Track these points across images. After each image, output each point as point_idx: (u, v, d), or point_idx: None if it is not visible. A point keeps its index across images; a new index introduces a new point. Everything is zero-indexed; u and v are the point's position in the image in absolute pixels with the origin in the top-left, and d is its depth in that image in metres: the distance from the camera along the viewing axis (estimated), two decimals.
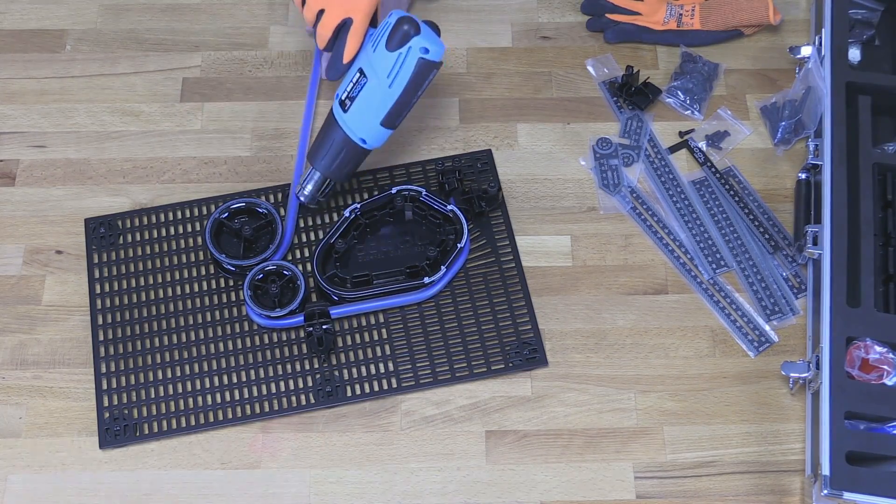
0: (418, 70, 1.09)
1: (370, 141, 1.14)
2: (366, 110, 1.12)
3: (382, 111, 1.12)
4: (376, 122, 1.12)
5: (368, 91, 1.11)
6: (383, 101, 1.11)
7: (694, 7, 1.36)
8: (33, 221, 1.24)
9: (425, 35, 1.09)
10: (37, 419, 1.13)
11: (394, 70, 1.09)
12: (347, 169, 1.16)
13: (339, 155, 1.15)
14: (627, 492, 1.09)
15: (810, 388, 1.11)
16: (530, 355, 1.15)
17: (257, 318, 1.16)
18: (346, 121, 1.13)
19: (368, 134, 1.13)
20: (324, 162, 1.15)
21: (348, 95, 1.12)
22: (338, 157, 1.15)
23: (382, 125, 1.13)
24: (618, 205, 1.25)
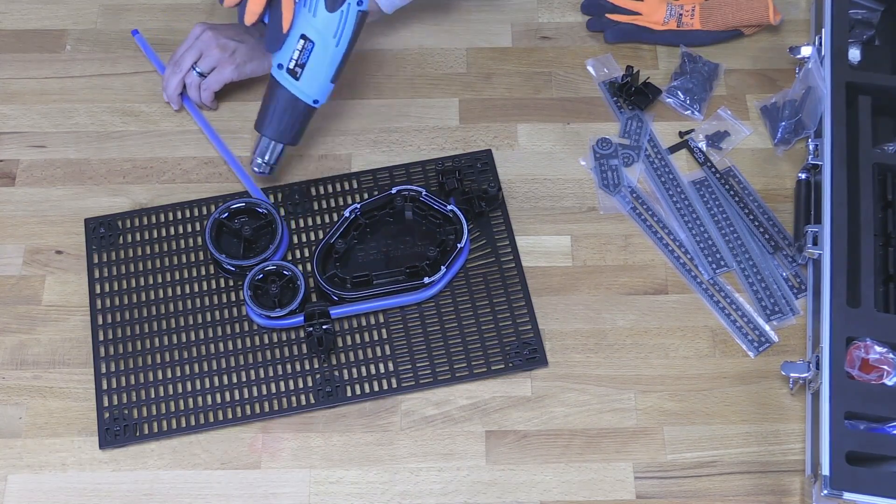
0: (358, 23, 1.14)
1: (322, 99, 1.17)
2: (317, 73, 1.15)
3: (332, 69, 1.15)
4: (327, 81, 1.16)
5: (318, 54, 1.13)
6: (333, 60, 1.15)
7: (694, 7, 1.36)
8: (33, 221, 1.24)
9: None
10: (37, 419, 1.13)
11: (339, 29, 1.13)
12: (300, 131, 1.20)
13: (295, 120, 1.18)
14: (627, 492, 1.09)
15: (810, 388, 1.11)
16: (530, 355, 1.15)
17: (257, 318, 1.16)
18: (299, 87, 1.15)
19: (320, 93, 1.17)
20: (279, 129, 1.18)
21: (297, 63, 1.14)
22: (294, 122, 1.18)
23: (332, 82, 1.17)
24: (618, 205, 1.25)
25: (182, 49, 1.27)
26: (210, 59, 1.26)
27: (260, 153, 1.20)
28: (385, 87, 1.34)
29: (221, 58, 1.26)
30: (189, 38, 1.27)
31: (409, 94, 1.33)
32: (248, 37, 1.27)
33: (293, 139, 1.20)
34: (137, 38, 1.35)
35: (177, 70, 1.27)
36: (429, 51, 1.37)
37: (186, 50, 1.26)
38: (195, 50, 1.26)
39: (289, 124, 1.18)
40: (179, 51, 1.27)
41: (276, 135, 1.19)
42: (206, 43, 1.26)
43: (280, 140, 1.19)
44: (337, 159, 1.28)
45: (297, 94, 1.16)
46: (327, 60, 1.14)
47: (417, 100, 1.33)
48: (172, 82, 1.27)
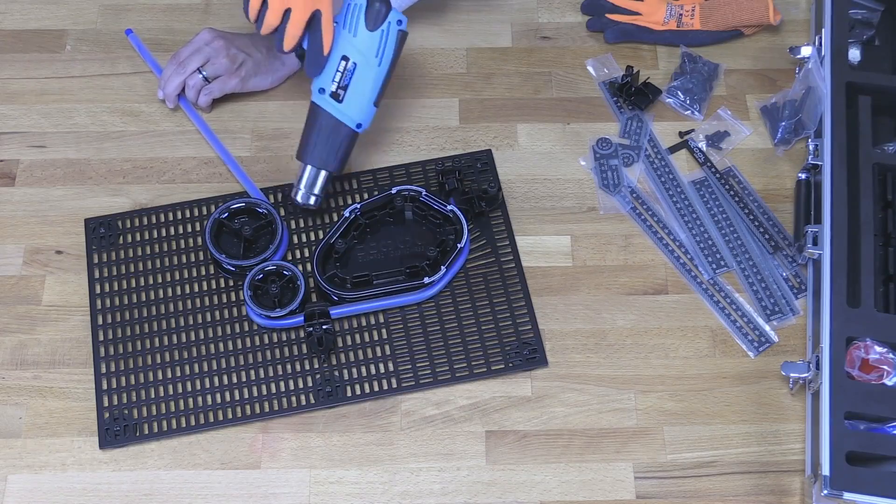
0: (399, 43, 1.13)
1: (365, 123, 1.16)
2: (361, 94, 1.14)
3: (375, 91, 1.14)
4: (370, 104, 1.15)
5: (360, 75, 1.12)
6: (375, 80, 1.13)
7: (694, 7, 1.36)
8: (33, 221, 1.24)
9: (395, 9, 1.12)
10: (37, 419, 1.13)
11: (380, 48, 1.12)
12: (344, 157, 1.17)
13: (339, 147, 1.16)
14: (627, 492, 1.09)
15: (810, 388, 1.11)
16: (530, 355, 1.15)
17: (257, 319, 1.16)
18: (342, 110, 1.14)
19: (364, 117, 1.15)
20: (323, 157, 1.16)
21: (339, 86, 1.13)
22: (338, 149, 1.16)
23: (375, 104, 1.15)
24: (618, 205, 1.25)
25: (188, 51, 1.27)
26: (217, 66, 1.26)
27: (304, 183, 1.17)
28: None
29: (229, 68, 1.26)
30: (196, 42, 1.26)
31: (409, 94, 1.33)
32: (256, 51, 1.27)
33: (338, 166, 1.17)
34: (131, 37, 1.35)
35: (181, 70, 1.26)
36: (429, 51, 1.37)
37: (193, 52, 1.26)
38: (203, 55, 1.26)
39: (333, 151, 1.16)
40: (185, 52, 1.27)
41: (320, 162, 1.16)
42: (217, 51, 1.25)
43: (324, 167, 1.16)
44: None
45: (341, 117, 1.14)
46: (370, 81, 1.13)
47: (417, 100, 1.33)
48: (174, 81, 1.27)
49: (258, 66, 1.28)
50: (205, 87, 1.27)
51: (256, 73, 1.28)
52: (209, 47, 1.26)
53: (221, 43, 1.26)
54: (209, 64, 1.26)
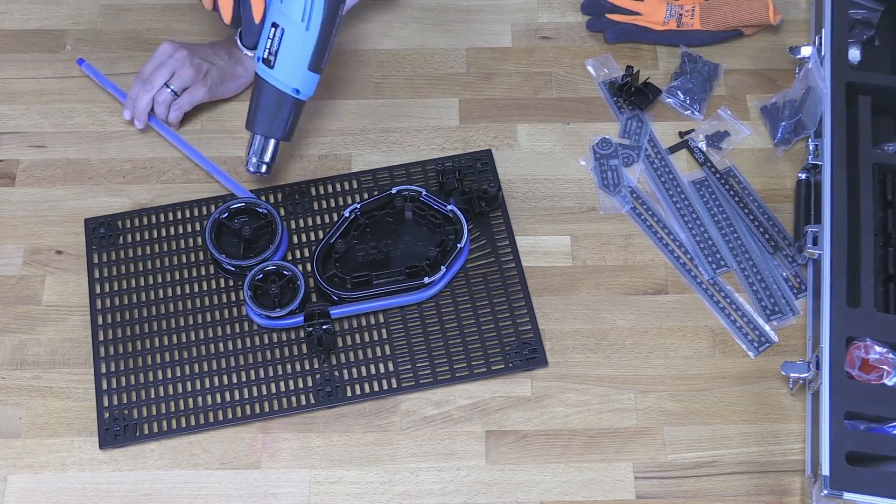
0: (328, 5, 1.11)
1: (303, 89, 1.16)
2: (291, 59, 1.13)
3: (307, 55, 1.13)
4: (304, 69, 1.14)
5: (288, 40, 1.12)
6: (305, 45, 1.13)
7: (694, 7, 1.36)
8: (33, 221, 1.24)
9: None
10: (37, 419, 1.13)
11: (305, 11, 1.11)
12: (290, 125, 1.18)
13: (279, 113, 1.16)
14: (627, 492, 1.09)
15: (810, 388, 1.11)
16: (530, 355, 1.15)
17: (257, 319, 1.16)
18: (274, 76, 1.14)
19: (300, 83, 1.15)
20: (267, 124, 1.17)
21: (269, 52, 1.13)
22: (280, 115, 1.16)
23: (310, 70, 1.14)
24: (618, 205, 1.25)
25: (151, 66, 1.25)
26: (184, 78, 1.25)
27: (253, 152, 1.19)
28: (385, 87, 1.34)
29: (195, 78, 1.25)
30: (158, 56, 1.25)
31: (409, 94, 1.33)
32: (219, 59, 1.27)
33: (284, 133, 1.18)
34: (85, 66, 1.32)
35: (148, 87, 1.24)
36: (429, 51, 1.37)
37: (158, 67, 1.25)
38: (167, 68, 1.24)
39: (275, 117, 1.17)
40: (148, 68, 1.25)
41: (264, 129, 1.18)
42: (180, 62, 1.24)
43: (270, 135, 1.18)
44: (337, 159, 1.28)
45: (275, 83, 1.14)
46: (299, 46, 1.13)
47: (417, 100, 1.33)
48: (143, 100, 1.25)
49: (223, 74, 1.27)
50: (174, 101, 1.25)
51: (222, 81, 1.27)
52: (173, 59, 1.24)
53: (184, 53, 1.24)
54: (175, 77, 1.24)
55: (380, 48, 1.37)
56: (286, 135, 1.19)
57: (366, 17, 1.39)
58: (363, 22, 1.38)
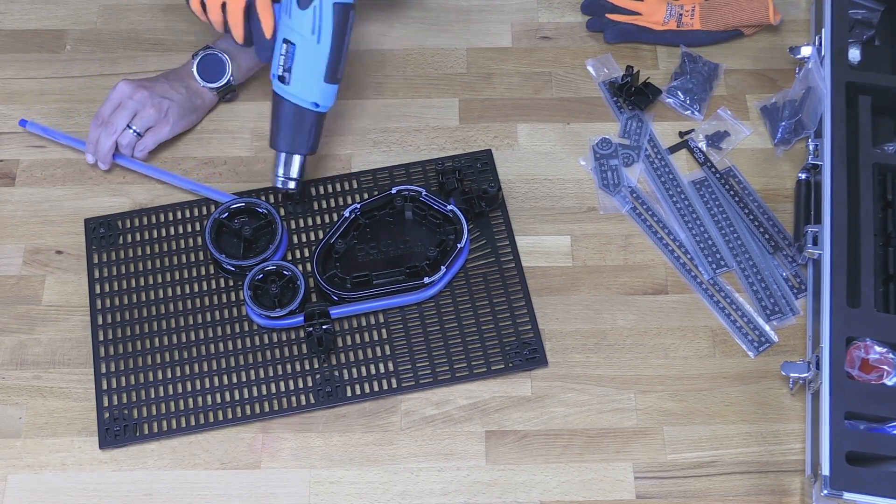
0: (337, 16, 1.10)
1: (322, 102, 1.15)
2: (306, 74, 1.12)
3: (321, 68, 1.12)
4: (320, 82, 1.13)
5: (301, 55, 1.12)
6: (318, 58, 1.12)
7: (694, 7, 1.36)
8: (33, 221, 1.24)
9: None
10: (37, 419, 1.13)
11: (315, 25, 1.10)
12: (313, 139, 1.17)
13: (301, 128, 1.15)
14: (627, 492, 1.09)
15: (810, 388, 1.11)
16: (530, 355, 1.15)
17: (257, 319, 1.16)
18: (291, 92, 1.13)
19: (318, 96, 1.14)
20: (289, 141, 1.16)
21: (284, 68, 1.12)
22: (302, 130, 1.15)
23: (327, 82, 1.13)
24: (618, 205, 1.25)
25: (109, 108, 1.23)
26: (146, 119, 1.23)
27: (280, 170, 1.18)
28: (385, 87, 1.34)
29: (158, 117, 1.23)
30: (117, 97, 1.23)
31: (409, 94, 1.33)
32: (176, 93, 1.24)
33: (309, 148, 1.17)
34: (30, 125, 1.28)
35: (110, 130, 1.22)
36: (429, 51, 1.37)
37: (118, 109, 1.22)
38: (129, 109, 1.22)
39: (297, 133, 1.16)
40: (106, 110, 1.23)
41: (289, 147, 1.16)
42: (141, 102, 1.22)
43: (294, 151, 1.17)
44: (337, 159, 1.28)
45: (293, 99, 1.14)
46: (312, 60, 1.12)
47: (417, 100, 1.33)
48: (107, 143, 1.22)
49: (182, 108, 1.25)
50: (138, 142, 1.24)
51: (182, 116, 1.25)
52: (133, 101, 1.22)
53: (145, 93, 1.22)
54: (137, 118, 1.22)
55: (380, 48, 1.37)
56: (311, 149, 1.17)
57: (366, 17, 1.39)
58: (363, 22, 1.38)
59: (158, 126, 1.24)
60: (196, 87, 1.27)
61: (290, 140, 1.16)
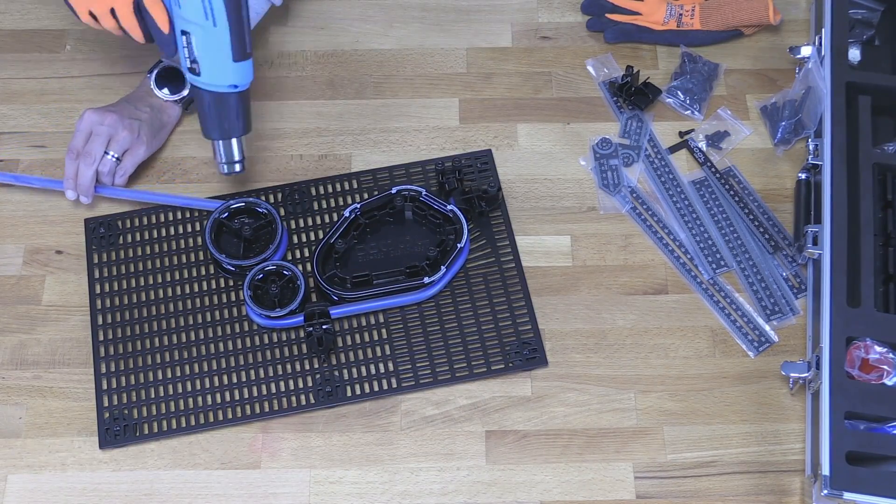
0: None
1: (240, 82, 1.11)
2: (213, 60, 1.09)
3: (227, 50, 1.08)
4: (230, 63, 1.09)
5: (201, 43, 1.08)
6: (220, 42, 1.07)
7: (694, 7, 1.36)
8: (33, 221, 1.24)
9: None
10: (37, 419, 1.13)
11: (206, 10, 1.05)
12: (243, 118, 1.14)
13: (227, 113, 1.12)
14: (627, 492, 1.09)
15: (810, 388, 1.11)
16: (530, 355, 1.15)
17: (257, 318, 1.16)
18: (205, 81, 1.10)
19: (233, 77, 1.10)
20: (220, 129, 1.14)
21: (191, 60, 1.09)
22: (227, 115, 1.13)
23: (237, 61, 1.09)
24: (618, 205, 1.25)
25: (81, 139, 1.20)
26: (122, 141, 1.21)
27: (220, 157, 1.16)
28: (385, 87, 1.34)
29: (132, 139, 1.21)
30: (86, 127, 1.20)
31: (409, 94, 1.33)
32: (142, 112, 1.23)
33: (242, 130, 1.14)
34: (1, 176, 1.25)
35: (89, 161, 1.19)
36: (429, 51, 1.37)
37: (92, 138, 1.20)
38: (103, 136, 1.20)
39: (225, 118, 1.13)
40: (78, 142, 1.20)
41: (221, 134, 1.14)
42: (113, 126, 1.20)
43: (228, 137, 1.14)
44: (337, 159, 1.28)
45: (209, 87, 1.10)
46: (214, 45, 1.07)
47: (417, 100, 1.33)
48: (88, 174, 1.20)
49: (152, 127, 1.24)
50: (118, 167, 1.22)
51: (154, 134, 1.24)
52: (105, 126, 1.20)
53: (114, 117, 1.20)
54: (112, 142, 1.20)
55: (380, 48, 1.37)
56: (244, 130, 1.15)
57: (366, 17, 1.39)
58: (363, 22, 1.39)
59: (134, 148, 1.22)
60: (159, 104, 1.25)
61: (221, 127, 1.13)
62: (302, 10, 1.39)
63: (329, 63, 1.35)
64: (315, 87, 1.33)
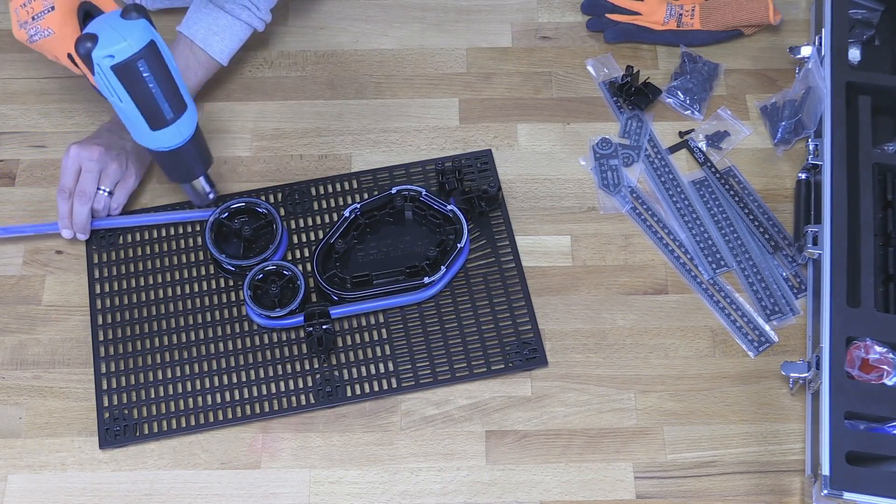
0: (122, 76, 1.02)
1: (170, 142, 1.08)
2: (134, 128, 1.07)
3: (141, 122, 1.06)
4: (149, 132, 1.07)
5: (122, 115, 1.06)
6: (132, 115, 1.05)
7: (694, 7, 1.36)
8: (33, 221, 1.24)
9: (104, 41, 1.00)
10: (37, 419, 1.13)
11: (109, 89, 1.03)
12: (198, 161, 1.12)
13: (182, 160, 1.11)
14: (627, 492, 1.09)
15: (810, 388, 1.11)
16: (530, 355, 1.15)
17: (257, 318, 1.16)
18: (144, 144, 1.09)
19: (161, 141, 1.08)
20: (181, 174, 1.13)
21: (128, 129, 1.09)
22: (183, 162, 1.11)
23: (154, 130, 1.06)
24: (618, 205, 1.25)
25: (70, 177, 1.17)
26: (113, 174, 1.19)
27: (193, 196, 1.16)
28: (385, 87, 1.34)
29: (121, 171, 1.19)
30: (73, 163, 1.18)
31: (409, 94, 1.33)
32: (125, 140, 1.20)
33: (202, 169, 1.13)
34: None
35: (84, 200, 1.17)
36: (429, 51, 1.37)
37: (83, 174, 1.18)
38: (93, 172, 1.17)
39: (183, 165, 1.12)
40: (69, 181, 1.18)
41: (184, 178, 1.14)
42: (102, 160, 1.18)
43: (188, 180, 1.14)
44: (337, 159, 1.28)
45: (153, 147, 1.09)
46: (128, 117, 1.06)
47: (417, 100, 1.33)
48: (84, 213, 1.18)
49: (138, 154, 1.22)
50: (112, 200, 1.20)
51: (141, 162, 1.22)
52: (93, 161, 1.17)
53: (101, 150, 1.18)
54: (104, 176, 1.18)
55: (380, 48, 1.37)
56: (205, 168, 1.14)
57: (366, 17, 1.39)
58: (363, 22, 1.39)
59: (125, 179, 1.20)
60: None
61: (182, 173, 1.13)
62: (302, 10, 1.40)
63: (329, 63, 1.35)
64: (315, 87, 1.33)
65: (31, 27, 1.03)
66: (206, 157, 1.15)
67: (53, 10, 1.03)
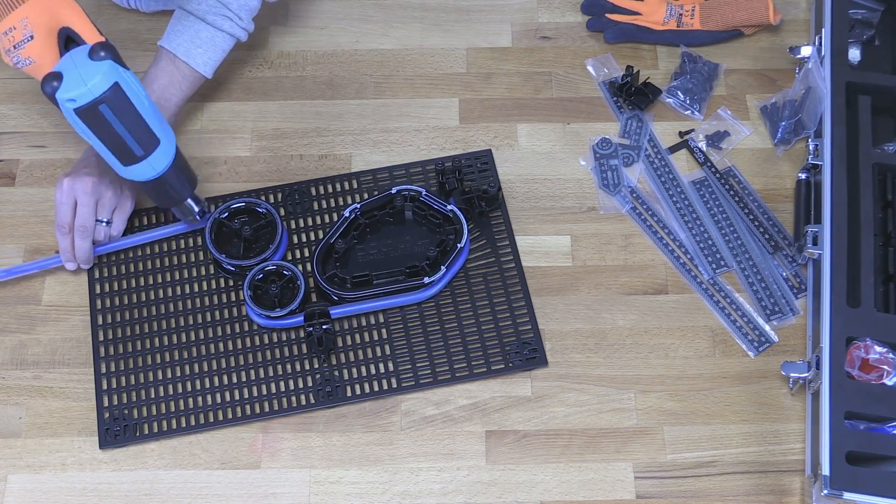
0: (86, 116, 1.01)
1: (145, 177, 1.08)
2: (111, 164, 1.07)
3: (111, 159, 1.06)
4: (122, 167, 1.07)
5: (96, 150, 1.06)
6: (102, 152, 1.05)
7: (694, 7, 1.36)
8: (33, 221, 1.24)
9: (67, 83, 0.99)
10: (37, 419, 1.13)
11: (77, 128, 1.02)
12: (184, 181, 1.12)
13: (167, 187, 1.11)
14: (627, 492, 1.09)
15: (810, 388, 1.11)
16: (530, 355, 1.15)
17: (257, 318, 1.16)
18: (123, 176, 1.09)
19: (137, 174, 1.08)
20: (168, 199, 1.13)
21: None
22: (167, 188, 1.11)
23: (126, 166, 1.06)
24: (618, 205, 1.25)
25: (67, 211, 1.15)
26: (109, 204, 1.18)
27: (183, 216, 1.16)
28: (385, 87, 1.34)
29: (117, 198, 1.18)
30: (67, 197, 1.15)
31: (409, 94, 1.33)
32: None
33: (188, 190, 1.13)
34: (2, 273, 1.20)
35: (86, 234, 1.16)
36: (429, 51, 1.37)
37: (80, 208, 1.16)
38: (89, 205, 1.16)
39: (169, 189, 1.11)
40: (66, 215, 1.15)
41: (172, 202, 1.13)
42: (97, 191, 1.16)
43: (180, 201, 1.14)
44: (337, 159, 1.29)
45: (134, 179, 1.08)
46: (102, 154, 1.06)
47: (417, 100, 1.33)
48: (85, 247, 1.17)
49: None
50: (111, 229, 1.19)
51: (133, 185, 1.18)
52: (88, 194, 1.15)
53: (94, 179, 1.16)
54: (100, 207, 1.17)
55: (380, 48, 1.37)
56: (191, 188, 1.13)
57: (366, 16, 1.39)
58: (363, 22, 1.39)
59: (121, 205, 1.19)
60: None
61: (168, 197, 1.13)
62: (302, 10, 1.40)
63: (329, 63, 1.35)
64: (315, 88, 1.33)
65: (14, 55, 1.02)
66: (190, 179, 1.13)
67: (33, 38, 1.02)
